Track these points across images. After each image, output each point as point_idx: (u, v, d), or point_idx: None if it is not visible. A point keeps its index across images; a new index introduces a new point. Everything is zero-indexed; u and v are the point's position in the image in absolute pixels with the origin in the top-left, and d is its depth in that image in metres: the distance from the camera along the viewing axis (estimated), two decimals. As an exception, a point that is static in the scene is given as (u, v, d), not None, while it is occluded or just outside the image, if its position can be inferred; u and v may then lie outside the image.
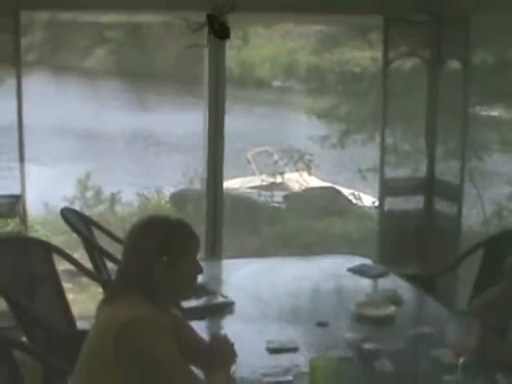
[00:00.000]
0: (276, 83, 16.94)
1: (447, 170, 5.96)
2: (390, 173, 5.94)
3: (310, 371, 2.48)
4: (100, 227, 4.68)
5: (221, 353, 2.79)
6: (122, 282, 2.68)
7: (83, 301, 5.91)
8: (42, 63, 16.86)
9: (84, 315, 4.24)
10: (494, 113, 10.35)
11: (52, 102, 14.71)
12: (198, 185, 7.69)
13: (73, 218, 4.50)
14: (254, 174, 10.72)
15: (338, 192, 9.50)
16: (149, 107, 15.83)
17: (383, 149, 5.97)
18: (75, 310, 4.09)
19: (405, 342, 3.22)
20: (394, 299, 3.65)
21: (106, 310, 2.66)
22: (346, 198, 9.28)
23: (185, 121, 11.73)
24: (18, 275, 3.84)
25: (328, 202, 9.08)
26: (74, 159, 10.43)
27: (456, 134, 5.96)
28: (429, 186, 5.89)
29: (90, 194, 7.81)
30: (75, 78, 17.69)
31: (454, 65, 5.72)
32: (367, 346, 3.04)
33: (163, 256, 2.60)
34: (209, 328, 3.35)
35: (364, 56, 10.28)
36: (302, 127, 12.47)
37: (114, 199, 7.83)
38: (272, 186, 10.14)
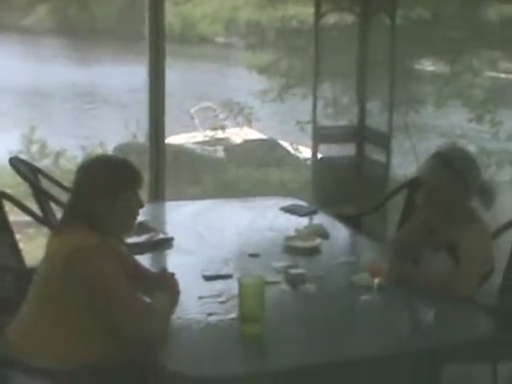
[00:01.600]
0: (219, 39, 17.12)
1: (379, 120, 6.32)
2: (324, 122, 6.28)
3: (238, 289, 2.80)
4: (47, 176, 4.95)
5: (169, 283, 3.14)
6: (70, 214, 2.99)
7: (31, 250, 6.16)
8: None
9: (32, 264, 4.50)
10: (431, 67, 10.74)
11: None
12: (142, 138, 7.95)
13: (21, 167, 4.76)
14: (197, 130, 10.95)
15: (277, 143, 9.81)
16: (91, 64, 15.84)
17: (315, 99, 6.27)
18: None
19: (328, 269, 3.58)
20: (321, 233, 4.00)
21: (55, 239, 2.97)
22: (285, 149, 9.60)
23: (128, 76, 11.91)
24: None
25: (266, 154, 9.40)
26: (16, 115, 10.54)
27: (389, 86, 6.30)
28: (360, 134, 6.24)
29: (34, 148, 7.99)
30: (16, 36, 17.57)
31: (383, 19, 6.04)
32: (293, 271, 3.40)
33: (108, 191, 2.91)
34: (150, 261, 3.64)
35: (306, 12, 10.54)
36: (244, 82, 12.72)
37: (58, 154, 8.02)
38: (215, 141, 10.41)
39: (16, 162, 4.78)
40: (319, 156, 6.26)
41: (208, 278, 3.38)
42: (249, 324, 2.80)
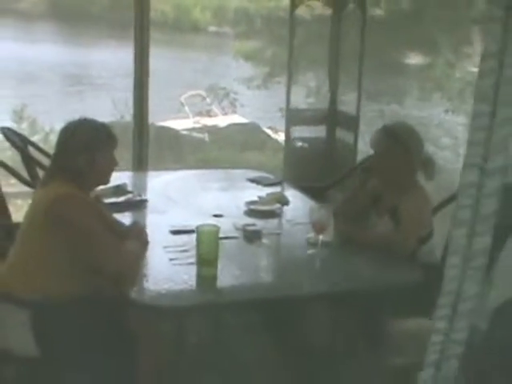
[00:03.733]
0: (212, 28, 17.59)
1: (351, 106, 6.81)
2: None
3: (196, 235, 3.30)
4: (34, 145, 5.44)
5: (139, 234, 3.64)
6: (54, 170, 3.49)
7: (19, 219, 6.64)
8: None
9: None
10: (413, 61, 11.24)
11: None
12: (129, 118, 8.42)
13: (11, 135, 5.25)
14: (187, 117, 11.45)
15: (258, 128, 10.32)
16: (82, 47, 16.27)
17: (289, 85, 6.75)
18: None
19: (284, 229, 4.09)
20: (281, 199, 4.50)
21: (39, 191, 3.47)
22: (266, 133, 10.11)
23: (118, 61, 12.37)
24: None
25: (248, 137, 9.90)
26: (8, 95, 10.99)
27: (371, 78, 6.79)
28: (330, 117, 6.74)
29: (25, 124, 8.47)
30: (10, 20, 17.94)
31: (353, 9, 6.53)
32: (250, 228, 3.90)
33: (88, 149, 3.41)
34: (126, 219, 4.11)
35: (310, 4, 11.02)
36: (231, 70, 13.22)
37: (50, 129, 8.46)
38: (204, 128, 10.93)
39: (7, 131, 5.27)
40: (292, 137, 6.75)
41: (174, 233, 3.88)
42: (205, 267, 3.28)
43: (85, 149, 3.41)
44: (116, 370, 3.30)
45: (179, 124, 10.89)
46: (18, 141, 5.26)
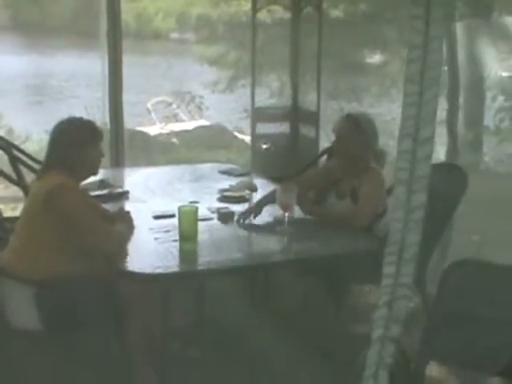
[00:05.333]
0: (174, 35, 18.09)
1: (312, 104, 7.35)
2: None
3: (178, 214, 3.81)
4: (19, 149, 5.94)
5: (125, 218, 4.15)
6: (48, 164, 4.00)
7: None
8: None
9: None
10: (371, 60, 11.85)
11: None
12: (99, 122, 8.89)
13: (-3, 140, 5.76)
14: (154, 123, 11.98)
15: (224, 129, 10.86)
16: (48, 57, 16.64)
17: (253, 85, 7.28)
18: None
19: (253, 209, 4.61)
20: (250, 187, 5.04)
21: (36, 183, 3.99)
22: (232, 134, 10.65)
23: (82, 69, 12.82)
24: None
25: (215, 138, 10.44)
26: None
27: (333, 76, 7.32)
28: (293, 113, 7.29)
29: (2, 132, 8.90)
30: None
31: (310, 12, 7.07)
32: (223, 210, 4.43)
33: (78, 144, 3.91)
34: (111, 209, 4.61)
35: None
36: (196, 75, 13.71)
37: (26, 137, 8.94)
38: (172, 133, 11.44)
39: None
40: (257, 132, 7.29)
41: (157, 217, 4.39)
42: (186, 242, 3.80)
43: (76, 143, 3.92)
44: (110, 337, 3.82)
45: (148, 130, 11.38)
46: (3, 143, 5.75)
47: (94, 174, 4.14)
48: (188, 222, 3.80)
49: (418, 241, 2.84)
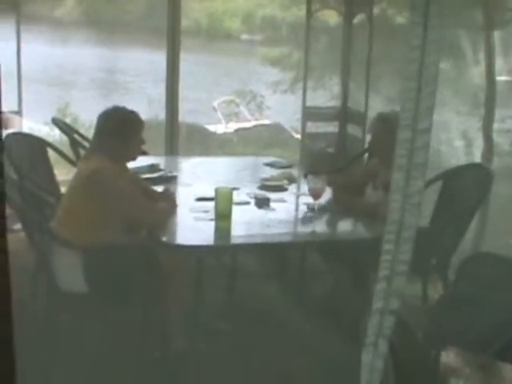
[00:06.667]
0: (244, 36, 18.61)
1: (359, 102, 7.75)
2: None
3: (214, 195, 4.26)
4: (78, 133, 6.47)
5: (169, 198, 4.63)
6: (93, 147, 4.50)
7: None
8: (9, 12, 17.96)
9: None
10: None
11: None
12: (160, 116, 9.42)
13: (61, 125, 6.32)
14: (219, 122, 12.41)
15: (282, 128, 11.31)
16: (117, 53, 17.27)
17: (305, 85, 7.70)
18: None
19: (290, 199, 5.04)
20: (289, 177, 5.46)
21: (82, 164, 4.49)
22: (289, 133, 11.09)
23: (150, 66, 13.37)
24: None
25: (272, 136, 10.90)
26: (53, 97, 12.09)
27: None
28: (343, 114, 7.70)
29: (68, 120, 9.47)
30: (45, 27, 18.90)
31: (363, 18, 7.47)
32: (260, 195, 4.88)
33: (120, 132, 4.39)
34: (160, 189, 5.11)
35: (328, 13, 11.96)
36: (259, 75, 14.20)
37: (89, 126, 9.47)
38: (235, 132, 11.94)
39: (58, 121, 6.34)
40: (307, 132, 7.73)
41: (198, 199, 4.85)
42: (221, 220, 4.25)
43: (118, 131, 4.39)
44: (152, 302, 4.30)
45: (214, 128, 11.84)
46: (67, 129, 6.30)
47: (134, 159, 4.60)
48: (223, 202, 4.23)
49: (416, 223, 3.24)
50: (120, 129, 4.41)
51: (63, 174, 6.13)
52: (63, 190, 5.12)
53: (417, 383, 3.98)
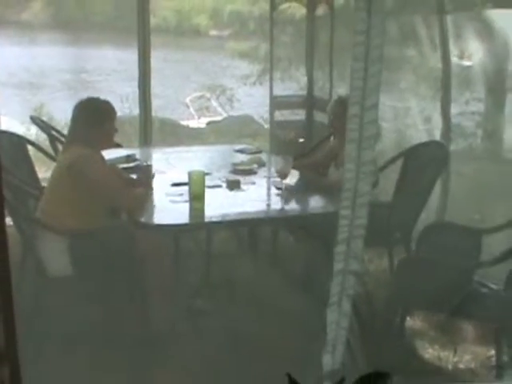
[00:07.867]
0: (213, 32, 18.91)
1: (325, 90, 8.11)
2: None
3: (188, 178, 4.61)
4: (56, 129, 6.80)
5: (145, 183, 4.98)
6: (70, 138, 4.84)
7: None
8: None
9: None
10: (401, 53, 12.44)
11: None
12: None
13: (39, 122, 6.67)
14: (192, 118, 12.74)
15: (252, 119, 11.66)
16: (85, 53, 17.46)
17: (271, 75, 8.05)
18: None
19: (259, 181, 5.39)
20: (258, 162, 5.82)
21: (62, 155, 4.83)
22: (259, 124, 11.44)
23: (120, 65, 13.67)
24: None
25: (242, 127, 11.24)
26: (27, 97, 12.35)
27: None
28: (309, 102, 8.07)
29: (44, 119, 9.75)
30: (12, 30, 18.98)
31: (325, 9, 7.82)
32: (231, 178, 5.24)
33: (95, 120, 4.72)
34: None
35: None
36: (229, 69, 14.53)
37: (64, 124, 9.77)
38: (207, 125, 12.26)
39: (36, 119, 6.70)
40: (275, 119, 8.09)
41: (174, 185, 5.19)
42: (195, 201, 4.59)
43: (94, 120, 4.73)
44: (133, 283, 4.64)
45: (187, 123, 12.15)
46: (45, 126, 6.65)
47: (110, 146, 4.97)
48: (197, 184, 4.58)
49: (369, 190, 3.59)
50: (95, 116, 4.73)
51: (42, 171, 6.44)
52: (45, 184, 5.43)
53: (383, 345, 4.35)
